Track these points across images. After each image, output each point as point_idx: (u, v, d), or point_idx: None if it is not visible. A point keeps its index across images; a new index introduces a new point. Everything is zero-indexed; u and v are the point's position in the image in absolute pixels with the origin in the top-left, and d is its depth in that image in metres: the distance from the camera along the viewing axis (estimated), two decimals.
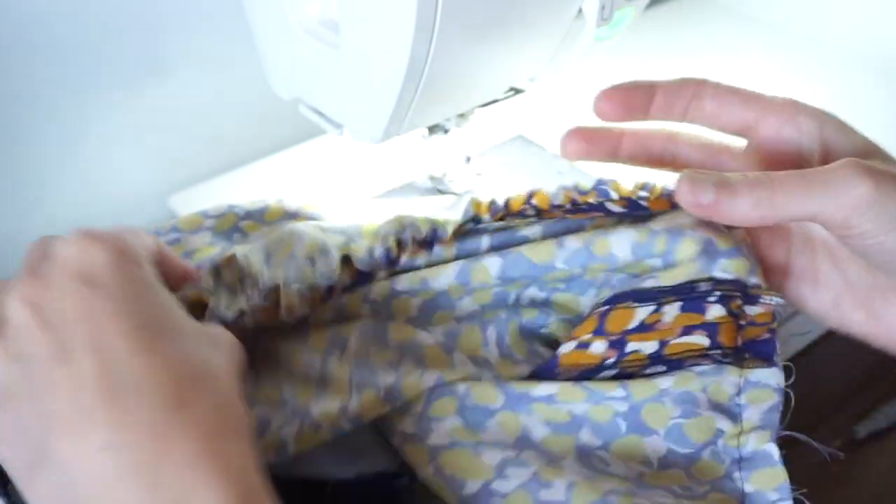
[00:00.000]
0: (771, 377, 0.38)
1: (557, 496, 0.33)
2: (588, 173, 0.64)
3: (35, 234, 0.63)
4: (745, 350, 0.39)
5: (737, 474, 0.37)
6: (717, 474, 0.37)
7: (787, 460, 0.39)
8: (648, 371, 0.39)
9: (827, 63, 0.78)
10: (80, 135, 0.62)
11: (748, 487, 0.36)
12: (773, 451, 0.37)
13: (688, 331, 0.38)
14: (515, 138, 0.68)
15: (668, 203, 0.38)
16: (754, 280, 0.39)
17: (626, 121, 0.39)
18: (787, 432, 0.38)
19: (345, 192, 0.63)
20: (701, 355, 0.39)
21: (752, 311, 0.39)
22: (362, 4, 0.43)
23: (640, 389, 0.38)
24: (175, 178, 0.67)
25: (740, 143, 0.39)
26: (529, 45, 0.49)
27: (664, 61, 0.79)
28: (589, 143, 0.40)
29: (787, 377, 0.39)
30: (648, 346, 0.38)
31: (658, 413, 0.37)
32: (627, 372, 0.39)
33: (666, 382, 0.38)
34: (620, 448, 0.37)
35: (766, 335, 0.39)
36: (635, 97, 0.39)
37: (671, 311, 0.38)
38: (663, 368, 0.39)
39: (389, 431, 0.38)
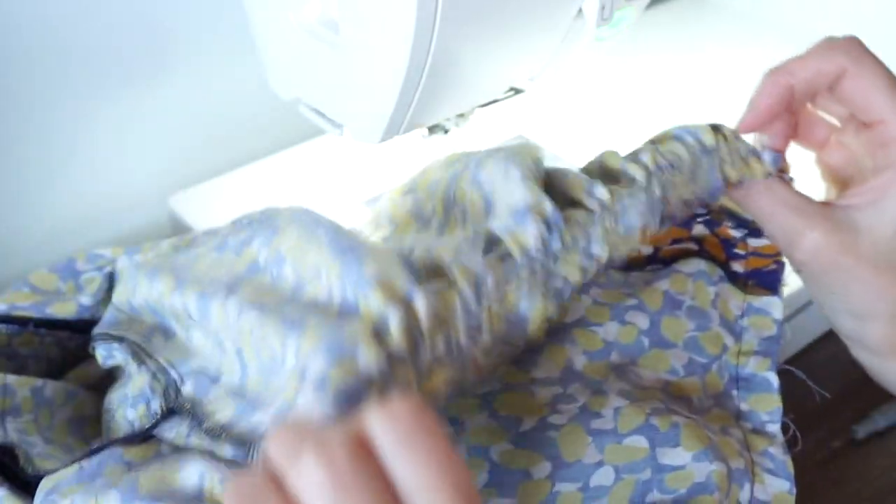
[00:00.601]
0: (772, 306, 0.41)
1: (607, 425, 0.36)
2: None
3: (35, 234, 0.64)
4: (750, 277, 0.42)
5: (734, 392, 0.40)
6: (718, 388, 0.40)
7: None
8: (648, 269, 0.43)
9: None
10: (80, 135, 0.62)
11: (744, 406, 0.40)
12: (773, 379, 0.40)
13: (677, 241, 0.42)
14: (515, 138, 0.68)
15: None
16: None
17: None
18: (787, 367, 0.41)
19: (344, 193, 0.64)
20: (691, 255, 0.43)
21: (756, 242, 0.42)
22: (362, 4, 0.43)
23: (648, 297, 0.41)
24: (175, 178, 0.67)
25: None
26: (529, 45, 0.49)
27: (664, 61, 0.79)
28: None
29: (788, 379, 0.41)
30: (645, 249, 0.43)
31: (676, 327, 0.40)
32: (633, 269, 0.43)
33: (664, 285, 0.41)
34: (647, 361, 0.39)
35: (773, 266, 0.42)
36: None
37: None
38: (660, 267, 0.43)
39: None
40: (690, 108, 0.73)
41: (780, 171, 0.39)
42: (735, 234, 0.42)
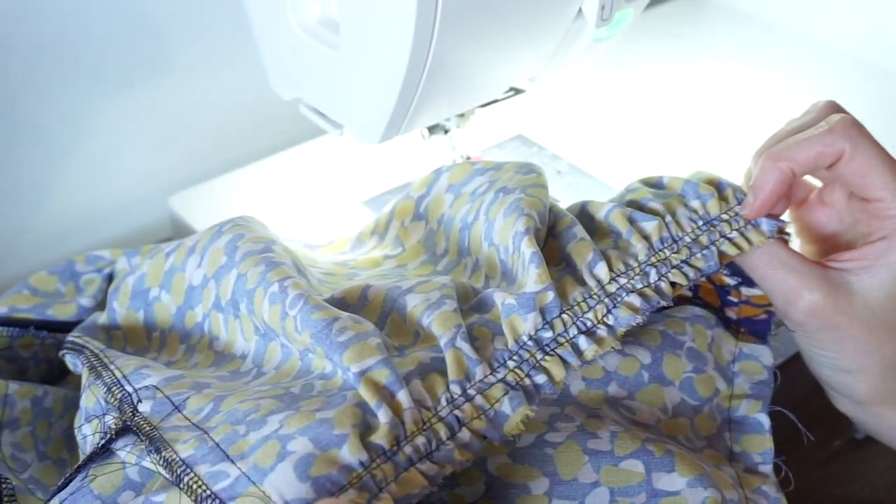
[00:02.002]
0: (762, 354, 0.43)
1: (604, 446, 0.36)
2: (589, 173, 0.64)
3: (35, 234, 0.64)
4: (741, 325, 0.43)
5: (727, 434, 0.41)
6: (710, 430, 0.40)
7: (788, 461, 0.40)
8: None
9: (826, 64, 0.78)
10: (80, 135, 0.62)
11: (736, 448, 0.41)
12: (765, 420, 0.41)
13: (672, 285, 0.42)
14: (515, 138, 0.68)
15: None
16: None
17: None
18: (779, 408, 0.42)
19: (344, 193, 0.64)
20: (685, 301, 0.44)
21: (749, 291, 0.42)
22: (362, 4, 0.43)
23: (645, 335, 0.41)
24: (175, 178, 0.67)
25: None
26: (529, 45, 0.49)
27: (664, 61, 0.79)
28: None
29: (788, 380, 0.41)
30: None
31: (675, 366, 0.41)
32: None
33: (660, 326, 0.42)
34: (644, 396, 0.40)
35: (763, 316, 0.43)
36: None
37: None
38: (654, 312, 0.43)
39: None
40: (690, 109, 0.73)
41: (779, 232, 0.41)
42: (729, 281, 0.43)
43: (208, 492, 0.31)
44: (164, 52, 0.63)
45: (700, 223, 0.41)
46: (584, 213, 0.42)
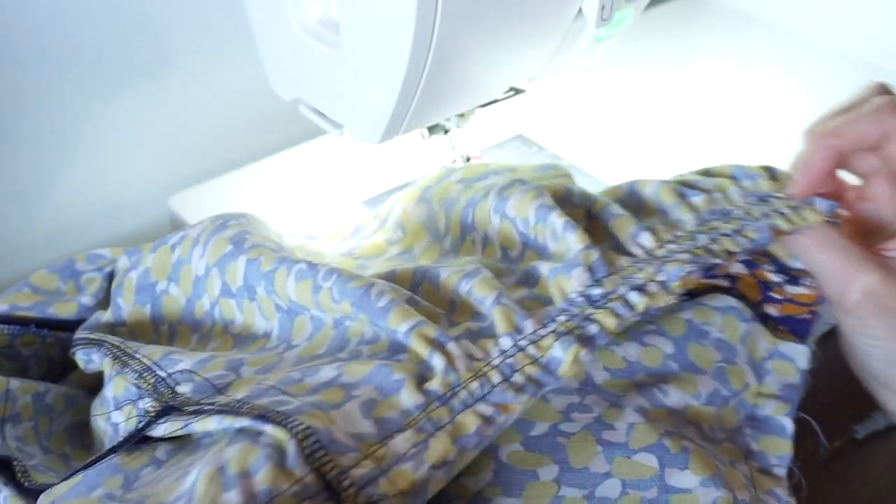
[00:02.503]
0: (797, 354, 0.41)
1: (618, 438, 0.36)
2: (589, 173, 0.64)
3: (35, 234, 0.64)
4: (782, 322, 0.42)
5: (748, 430, 0.40)
6: (732, 424, 0.40)
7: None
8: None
9: (826, 64, 0.78)
10: (80, 135, 0.62)
11: (754, 446, 0.40)
12: (788, 425, 0.40)
13: (712, 275, 0.42)
14: (515, 138, 0.68)
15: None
16: (798, 265, 0.43)
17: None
18: (801, 414, 0.41)
19: (344, 193, 0.64)
20: (720, 291, 0.42)
21: (792, 289, 0.42)
22: (362, 4, 0.43)
23: (668, 324, 0.41)
24: (175, 178, 0.67)
25: None
26: (529, 45, 0.49)
27: (664, 61, 0.79)
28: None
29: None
30: None
31: (703, 354, 0.40)
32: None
33: (686, 314, 0.41)
34: (677, 382, 0.40)
35: (807, 315, 0.42)
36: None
37: None
38: (686, 298, 0.42)
39: None
40: (690, 109, 0.73)
41: (832, 215, 0.40)
42: (774, 278, 0.42)
43: (270, 411, 0.32)
44: (164, 52, 0.63)
45: (752, 198, 0.40)
46: (632, 193, 0.42)
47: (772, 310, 0.43)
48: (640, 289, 0.36)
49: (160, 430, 0.35)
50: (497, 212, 0.41)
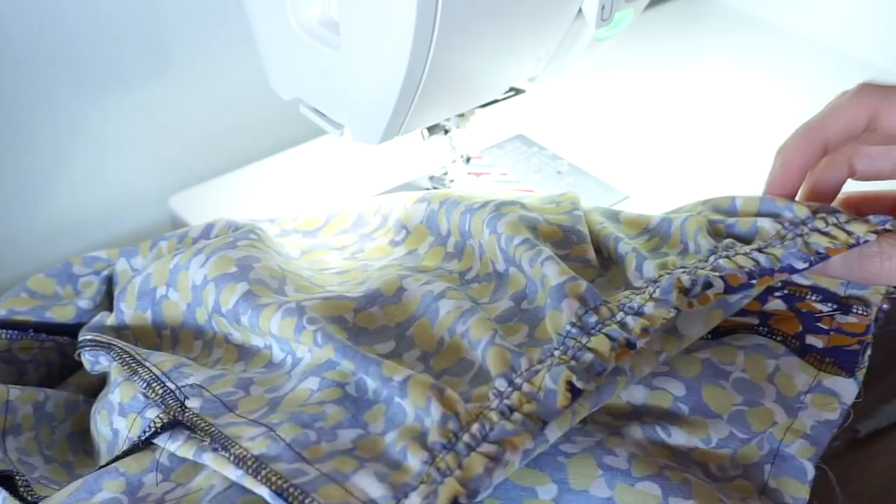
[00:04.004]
0: (843, 388, 0.40)
1: (620, 464, 0.36)
2: (589, 173, 0.64)
3: (35, 234, 0.64)
4: (828, 354, 0.40)
5: (767, 467, 0.38)
6: (751, 459, 0.38)
7: None
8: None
9: (826, 64, 0.78)
10: (80, 135, 0.62)
11: (772, 483, 0.38)
12: (810, 470, 0.38)
13: (743, 313, 0.40)
14: (515, 138, 0.68)
15: None
16: (851, 292, 0.41)
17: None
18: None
19: (345, 193, 0.63)
20: (749, 331, 0.41)
21: (842, 318, 0.41)
22: (362, 5, 0.43)
23: (683, 364, 0.40)
24: (175, 179, 0.67)
25: None
26: (529, 45, 0.49)
27: (664, 61, 0.79)
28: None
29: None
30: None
31: (721, 397, 0.39)
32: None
33: (705, 354, 0.40)
34: (684, 424, 0.39)
35: (855, 346, 0.40)
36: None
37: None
38: (709, 337, 0.41)
39: None
40: (690, 109, 0.73)
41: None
42: (821, 307, 0.41)
43: (288, 483, 0.32)
44: (164, 52, 0.63)
45: (785, 224, 0.38)
46: (663, 221, 0.41)
47: (817, 341, 0.41)
48: (637, 312, 0.35)
49: (172, 447, 0.36)
50: (489, 226, 0.41)
